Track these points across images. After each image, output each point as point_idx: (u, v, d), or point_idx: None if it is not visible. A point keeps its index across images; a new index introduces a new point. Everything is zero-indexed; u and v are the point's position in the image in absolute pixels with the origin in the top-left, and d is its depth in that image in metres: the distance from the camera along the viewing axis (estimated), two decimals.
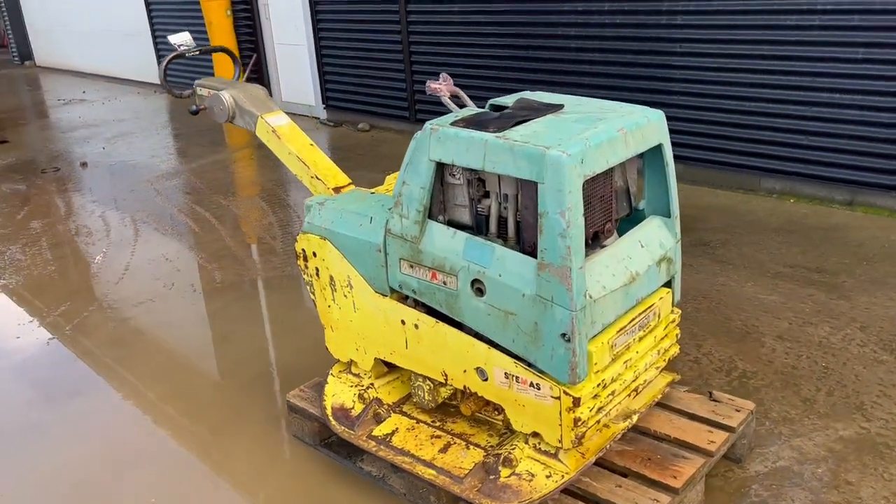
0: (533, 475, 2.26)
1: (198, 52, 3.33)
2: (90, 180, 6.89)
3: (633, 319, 2.25)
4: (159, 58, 11.04)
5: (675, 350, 2.55)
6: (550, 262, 2.00)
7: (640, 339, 2.32)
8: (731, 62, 5.03)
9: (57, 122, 9.78)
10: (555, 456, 2.26)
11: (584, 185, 2.11)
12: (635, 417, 2.43)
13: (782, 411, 2.87)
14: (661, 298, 2.38)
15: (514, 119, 2.18)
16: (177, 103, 10.14)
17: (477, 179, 2.23)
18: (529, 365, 2.16)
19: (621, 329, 2.20)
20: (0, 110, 10.68)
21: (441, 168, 2.25)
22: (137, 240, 5.25)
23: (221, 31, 8.90)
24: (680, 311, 2.53)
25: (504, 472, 2.29)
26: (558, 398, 2.12)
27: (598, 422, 2.21)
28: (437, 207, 2.32)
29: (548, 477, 2.24)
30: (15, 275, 4.79)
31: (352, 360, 2.73)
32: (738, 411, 2.58)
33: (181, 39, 3.28)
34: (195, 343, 3.76)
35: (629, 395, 2.33)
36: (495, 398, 2.30)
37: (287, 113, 10.01)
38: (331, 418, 2.68)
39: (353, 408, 2.69)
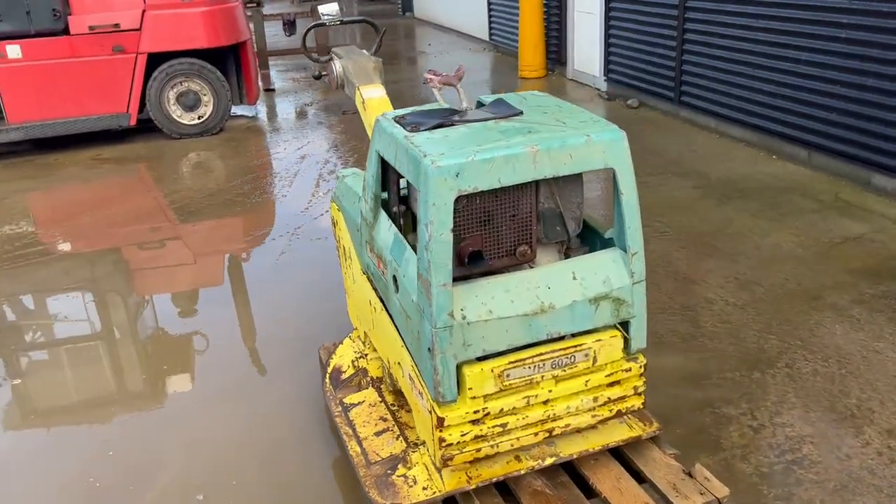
0: (416, 482, 2.22)
1: (340, 23, 3.62)
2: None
3: (542, 355, 2.05)
4: (490, 18, 11.69)
5: (635, 403, 2.23)
6: (422, 272, 1.93)
7: (558, 378, 2.10)
8: None
9: (390, 69, 11.02)
10: (440, 470, 2.19)
11: (477, 201, 1.98)
12: (549, 460, 2.22)
13: None
14: (598, 341, 2.10)
15: (445, 120, 2.09)
16: (501, 62, 10.73)
17: None
18: (421, 371, 2.12)
19: (518, 361, 2.03)
20: None
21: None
22: None
23: None
24: (645, 361, 2.20)
25: (400, 470, 2.29)
26: (430, 413, 2.06)
27: (479, 450, 2.09)
28: (393, 198, 2.34)
29: (424, 488, 2.19)
30: (244, 196, 5.73)
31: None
32: (701, 495, 2.18)
33: (328, 10, 3.59)
34: (307, 281, 4.18)
35: (536, 435, 2.13)
36: (407, 396, 2.29)
37: (573, 82, 10.12)
38: (328, 376, 2.88)
39: (345, 371, 2.85)
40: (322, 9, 3.63)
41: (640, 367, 2.19)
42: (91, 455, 2.87)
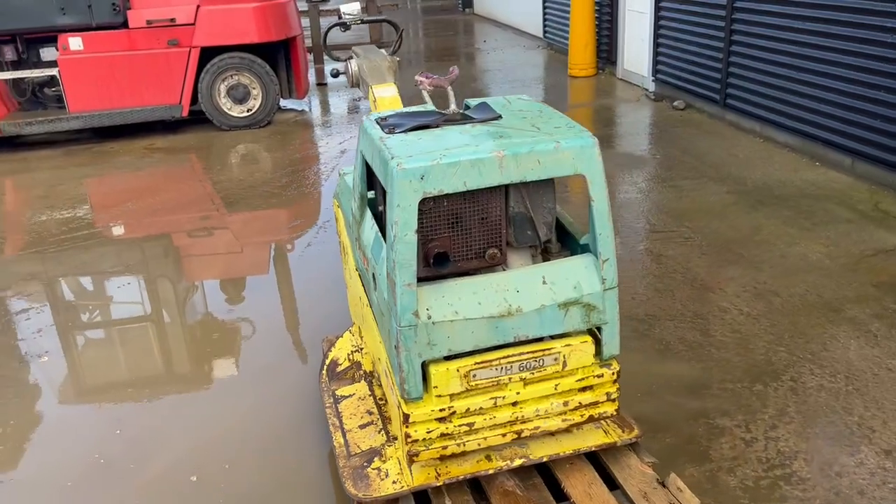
0: (388, 475, 2.27)
1: (360, 22, 3.69)
2: None
3: (509, 357, 2.07)
4: (545, 16, 11.62)
5: (608, 409, 2.23)
6: (388, 271, 1.98)
7: (527, 381, 2.12)
8: None
9: (440, 68, 11.08)
10: (410, 465, 2.24)
11: (445, 203, 2.01)
12: (517, 461, 2.24)
13: None
14: (567, 345, 2.11)
15: (424, 122, 2.13)
16: (554, 60, 10.68)
17: None
18: (392, 368, 2.17)
19: (484, 362, 2.06)
20: (414, 51, 12.45)
21: None
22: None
23: None
24: (618, 368, 2.20)
25: (376, 462, 2.34)
26: (398, 409, 2.11)
27: (446, 448, 2.12)
28: (379, 197, 2.39)
29: (394, 482, 2.24)
30: (283, 188, 5.88)
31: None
32: None
33: (350, 9, 3.67)
34: (328, 274, 4.25)
35: (504, 436, 2.16)
36: (385, 390, 2.35)
37: (622, 82, 10.00)
38: (325, 367, 2.96)
39: (341, 364, 2.92)
40: (344, 8, 3.71)
41: (613, 373, 2.19)
42: (101, 432, 3.01)
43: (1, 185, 6.57)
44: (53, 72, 7.39)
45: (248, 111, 7.83)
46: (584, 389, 2.19)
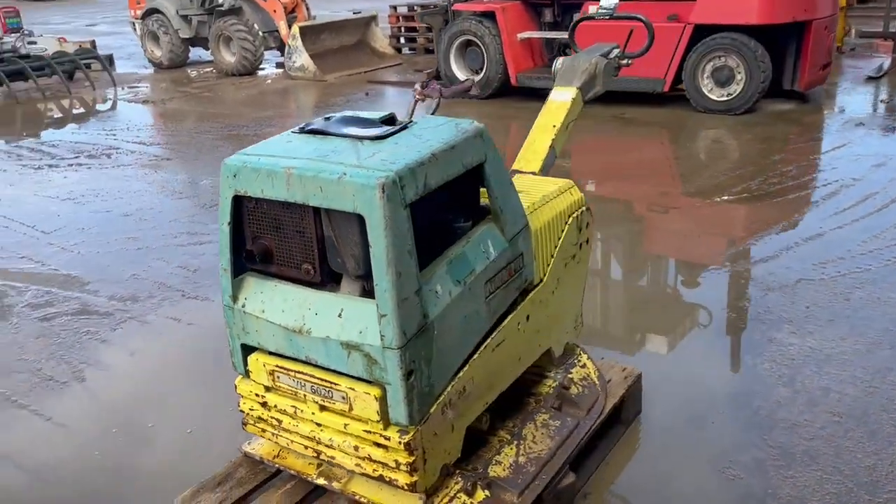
0: (263, 434, 2.43)
1: (608, 18, 3.35)
2: None
3: (303, 374, 2.04)
4: None
5: (400, 479, 1.98)
6: None
7: (321, 406, 2.05)
8: None
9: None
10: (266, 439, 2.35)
11: (265, 206, 2.04)
12: (320, 480, 2.20)
13: None
14: (351, 389, 1.96)
15: (323, 129, 2.12)
16: None
17: None
18: None
19: (282, 368, 2.08)
20: None
21: None
22: None
23: None
24: (410, 438, 1.92)
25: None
26: None
27: (264, 431, 2.23)
28: None
29: (252, 446, 2.40)
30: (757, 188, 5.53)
31: None
32: None
33: (607, 3, 3.37)
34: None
35: (306, 449, 2.14)
36: None
37: None
38: None
39: None
40: (603, 1, 3.46)
41: (401, 443, 1.93)
42: None
43: (504, 127, 7.69)
44: (564, 35, 8.17)
45: (726, 95, 7.36)
46: (376, 445, 1.99)
